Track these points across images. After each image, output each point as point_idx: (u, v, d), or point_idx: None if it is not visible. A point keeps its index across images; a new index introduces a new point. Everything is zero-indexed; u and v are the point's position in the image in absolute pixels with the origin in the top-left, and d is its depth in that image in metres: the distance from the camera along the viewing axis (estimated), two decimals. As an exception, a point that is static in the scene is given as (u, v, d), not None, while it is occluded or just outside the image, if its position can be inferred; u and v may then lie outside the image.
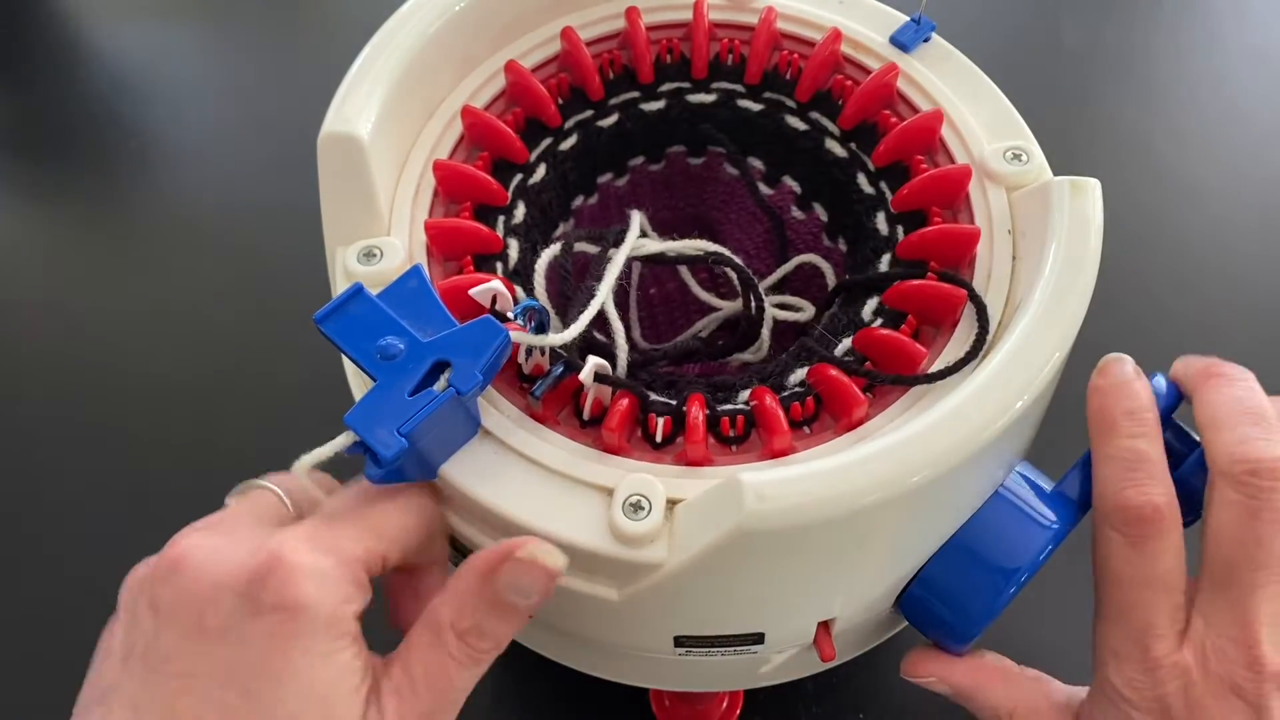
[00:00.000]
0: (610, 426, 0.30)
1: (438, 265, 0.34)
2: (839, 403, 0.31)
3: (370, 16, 0.36)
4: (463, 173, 0.35)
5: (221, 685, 0.24)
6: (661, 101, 0.40)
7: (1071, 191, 0.32)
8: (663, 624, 0.31)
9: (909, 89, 0.38)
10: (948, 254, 0.34)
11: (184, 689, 0.24)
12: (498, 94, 0.39)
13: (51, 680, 0.46)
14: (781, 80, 0.40)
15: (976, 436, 0.27)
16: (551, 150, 0.38)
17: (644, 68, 0.40)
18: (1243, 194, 0.62)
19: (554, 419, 0.31)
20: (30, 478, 0.53)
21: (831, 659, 0.33)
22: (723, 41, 0.40)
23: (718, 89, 0.40)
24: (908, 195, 0.35)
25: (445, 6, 0.37)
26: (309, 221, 0.35)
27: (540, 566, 0.27)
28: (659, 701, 0.42)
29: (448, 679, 0.27)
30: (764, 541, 0.27)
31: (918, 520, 0.30)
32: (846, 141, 0.39)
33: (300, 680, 0.25)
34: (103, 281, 0.61)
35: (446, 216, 0.35)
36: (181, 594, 0.25)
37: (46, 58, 0.73)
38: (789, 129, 0.40)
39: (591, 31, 0.40)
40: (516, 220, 0.36)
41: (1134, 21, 0.72)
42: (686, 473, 0.29)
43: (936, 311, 0.33)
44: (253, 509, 0.28)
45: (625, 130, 0.40)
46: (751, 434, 0.31)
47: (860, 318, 0.34)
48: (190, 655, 0.25)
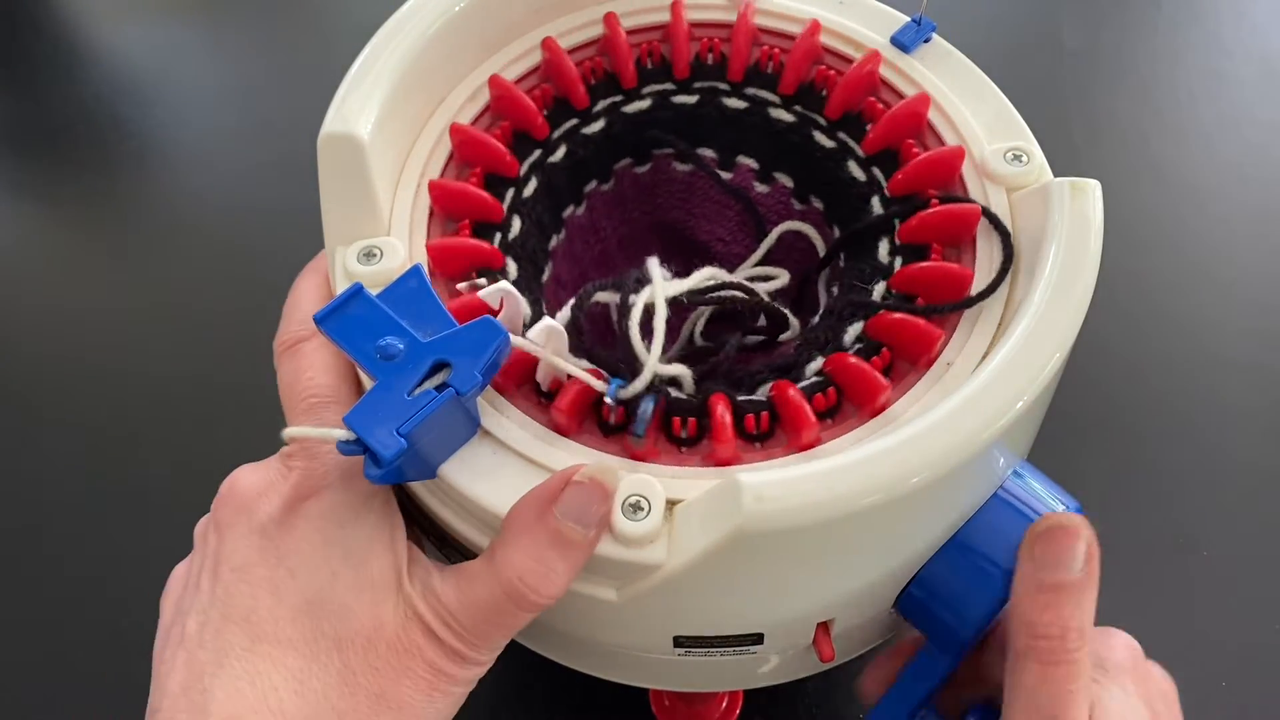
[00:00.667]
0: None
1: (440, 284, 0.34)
2: (862, 390, 0.31)
3: (370, 17, 0.36)
4: (458, 191, 0.35)
5: (271, 567, 0.28)
6: (647, 101, 0.40)
7: (1072, 193, 0.32)
8: (662, 624, 0.31)
9: (909, 89, 0.38)
10: (948, 234, 0.34)
11: (241, 578, 0.28)
12: (484, 108, 0.38)
13: (52, 680, 0.46)
14: (764, 75, 0.40)
15: (976, 437, 0.27)
16: (541, 163, 0.38)
17: (626, 72, 0.40)
18: (1243, 194, 0.62)
19: (577, 427, 0.31)
20: (30, 477, 0.53)
21: (831, 660, 0.33)
22: (702, 41, 0.40)
23: (699, 88, 0.40)
24: (902, 180, 0.36)
25: (446, 6, 0.37)
26: (309, 222, 0.35)
27: (599, 485, 0.28)
28: (659, 701, 0.42)
29: (497, 613, 0.28)
30: (763, 543, 0.26)
31: (917, 521, 0.30)
32: (834, 132, 0.39)
33: (333, 546, 0.28)
34: (102, 281, 0.61)
35: (444, 234, 0.35)
36: (236, 506, 0.29)
37: (46, 58, 0.73)
38: (776, 123, 0.40)
39: (579, 37, 0.40)
40: (513, 235, 0.36)
41: (1134, 22, 0.72)
42: (715, 473, 0.29)
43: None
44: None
45: (612, 135, 0.40)
46: (776, 429, 0.31)
47: (877, 262, 0.34)
48: (244, 550, 0.28)
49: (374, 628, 0.28)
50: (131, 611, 0.45)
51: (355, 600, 0.28)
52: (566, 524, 0.27)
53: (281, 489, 0.29)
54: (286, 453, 0.30)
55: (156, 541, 0.26)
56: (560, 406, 0.30)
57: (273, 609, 0.28)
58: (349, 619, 0.28)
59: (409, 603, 0.28)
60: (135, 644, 0.32)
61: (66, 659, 0.46)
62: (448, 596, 0.28)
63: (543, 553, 0.27)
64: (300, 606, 0.28)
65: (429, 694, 0.28)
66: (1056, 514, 0.30)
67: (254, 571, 0.28)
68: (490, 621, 0.28)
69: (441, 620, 0.28)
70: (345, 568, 0.28)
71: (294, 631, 0.27)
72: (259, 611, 0.28)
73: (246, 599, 0.28)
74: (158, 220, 0.64)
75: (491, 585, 0.28)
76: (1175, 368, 0.54)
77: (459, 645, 0.28)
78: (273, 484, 0.29)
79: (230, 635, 0.27)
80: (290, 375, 0.31)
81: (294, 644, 0.27)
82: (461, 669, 0.29)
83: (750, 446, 0.31)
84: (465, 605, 0.28)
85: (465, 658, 0.29)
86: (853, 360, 0.31)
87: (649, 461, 0.30)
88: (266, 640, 0.27)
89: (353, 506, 0.29)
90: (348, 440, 0.26)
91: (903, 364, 0.32)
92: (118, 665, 0.45)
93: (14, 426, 0.55)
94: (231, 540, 0.29)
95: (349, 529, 0.29)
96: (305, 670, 0.27)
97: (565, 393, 0.30)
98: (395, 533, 0.30)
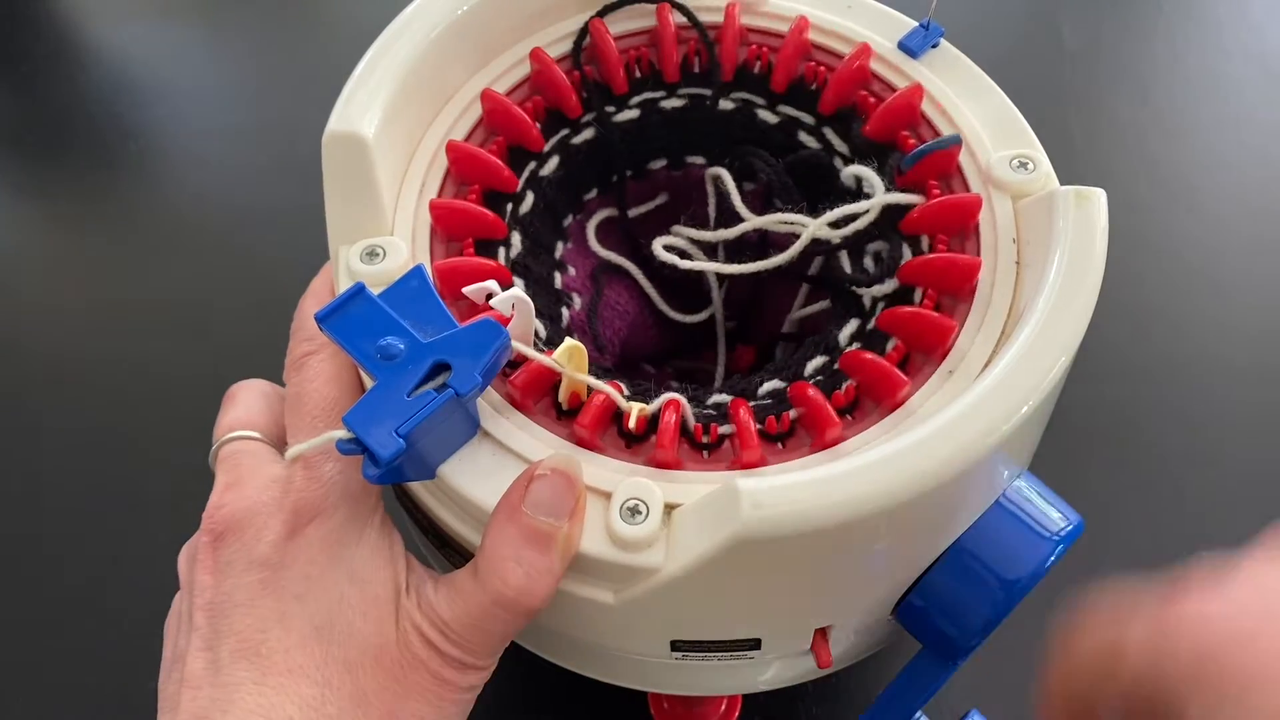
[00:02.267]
0: (663, 444, 0.30)
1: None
2: (881, 386, 0.31)
3: (372, 17, 0.36)
4: (458, 209, 0.35)
5: (278, 598, 0.28)
6: (636, 111, 0.40)
7: (1077, 201, 0.31)
8: (659, 629, 0.31)
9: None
10: (952, 228, 0.34)
11: (246, 614, 0.27)
12: (477, 122, 0.38)
13: (51, 680, 0.46)
14: (752, 75, 0.40)
15: (979, 443, 0.27)
16: (535, 176, 0.38)
17: (617, 79, 0.39)
18: (1242, 194, 0.62)
19: (598, 437, 0.31)
20: (30, 477, 0.53)
21: (828, 666, 0.33)
22: (689, 44, 0.40)
23: (685, 94, 0.40)
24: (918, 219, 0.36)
25: (451, 7, 0.36)
26: (310, 221, 0.35)
27: (563, 475, 0.28)
28: (658, 704, 0.42)
29: (491, 620, 0.28)
30: (760, 548, 0.26)
31: (917, 529, 0.30)
32: (821, 130, 0.39)
33: (339, 567, 0.28)
34: (102, 281, 0.61)
35: (447, 253, 0.35)
36: (230, 540, 0.28)
37: (46, 58, 0.73)
38: (761, 123, 0.40)
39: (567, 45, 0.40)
40: (515, 252, 0.36)
41: (1134, 23, 0.73)
42: (745, 474, 0.29)
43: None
44: (251, 459, 0.30)
45: (607, 142, 0.40)
46: (797, 429, 0.31)
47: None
48: (246, 585, 0.28)
49: (380, 646, 0.28)
50: (132, 612, 0.45)
51: (362, 621, 0.28)
52: (538, 519, 0.27)
53: (278, 515, 0.29)
54: (285, 474, 0.30)
55: (156, 541, 0.26)
56: (584, 422, 0.30)
57: (282, 639, 0.27)
58: (357, 640, 0.28)
59: (409, 616, 0.28)
60: (135, 643, 0.32)
61: (66, 659, 0.46)
62: (442, 608, 0.28)
63: (520, 553, 0.27)
64: (309, 633, 0.27)
65: (438, 705, 0.28)
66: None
67: (260, 605, 0.28)
68: (486, 630, 0.28)
69: (440, 631, 0.28)
70: (351, 589, 0.28)
71: (304, 659, 0.27)
72: (268, 643, 0.27)
73: (254, 633, 0.27)
74: (158, 220, 0.64)
75: (479, 595, 0.28)
76: (1173, 368, 0.54)
77: (459, 654, 0.28)
78: (267, 509, 0.29)
79: (240, 671, 0.27)
80: (296, 389, 0.31)
81: (305, 671, 0.27)
82: (465, 676, 0.29)
83: (773, 448, 0.31)
84: (458, 616, 0.28)
85: (468, 665, 0.29)
86: (869, 356, 0.31)
87: (672, 469, 0.30)
88: (277, 671, 0.27)
89: (355, 526, 0.29)
90: (347, 440, 0.26)
91: (916, 358, 0.32)
92: (118, 665, 0.45)
93: (14, 426, 0.55)
94: (233, 577, 0.28)
95: (352, 549, 0.29)
96: (319, 697, 0.27)
97: (588, 409, 0.30)
98: (394, 548, 0.30)
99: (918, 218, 0.34)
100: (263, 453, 0.31)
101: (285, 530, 0.28)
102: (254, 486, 0.29)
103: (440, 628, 0.28)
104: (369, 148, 0.33)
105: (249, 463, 0.30)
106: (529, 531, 0.27)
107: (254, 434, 0.31)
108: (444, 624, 0.28)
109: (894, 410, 0.31)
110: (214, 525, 0.29)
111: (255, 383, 0.34)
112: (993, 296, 0.32)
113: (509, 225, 0.36)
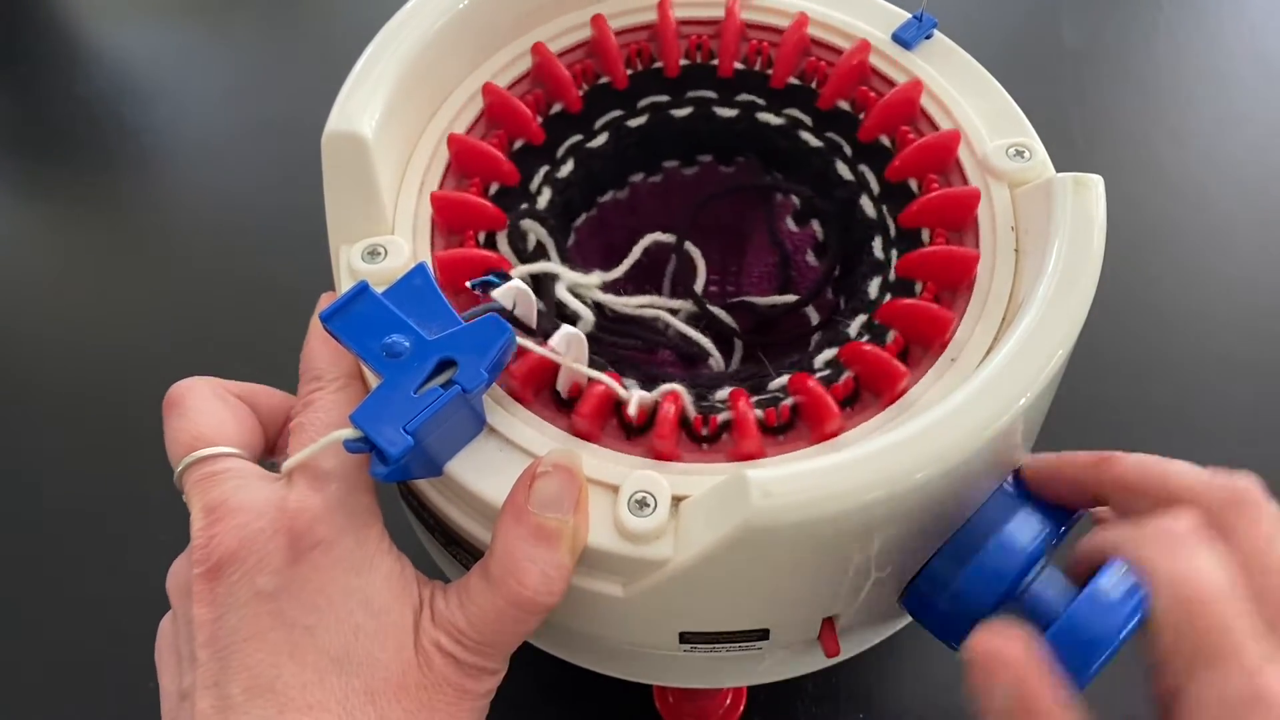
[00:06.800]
0: (663, 434, 0.30)
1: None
2: (881, 378, 0.31)
3: (372, 16, 0.36)
4: (459, 201, 0.35)
5: (287, 630, 0.27)
6: (644, 117, 0.40)
7: (1074, 188, 0.32)
8: (668, 621, 0.31)
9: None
10: (950, 222, 0.34)
11: (255, 648, 0.26)
12: (478, 117, 0.38)
13: (52, 680, 0.46)
14: (753, 74, 0.40)
15: (981, 432, 0.27)
16: (550, 177, 0.38)
17: (617, 74, 0.40)
18: (1243, 194, 0.62)
19: (600, 432, 0.31)
20: (30, 477, 0.53)
21: (836, 655, 0.33)
22: (690, 39, 0.40)
23: (692, 98, 0.40)
24: (899, 166, 0.36)
25: (448, 5, 0.37)
26: (311, 221, 0.35)
27: (564, 469, 0.28)
28: (663, 698, 0.42)
29: (507, 622, 0.28)
30: (769, 538, 0.27)
31: (922, 516, 0.30)
32: (822, 129, 0.39)
33: (352, 597, 0.27)
34: (103, 281, 0.61)
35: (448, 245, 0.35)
36: (228, 571, 0.27)
37: (46, 58, 0.73)
38: (762, 124, 0.40)
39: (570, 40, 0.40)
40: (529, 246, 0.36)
41: (1134, 22, 0.73)
42: (734, 468, 0.29)
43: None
44: (235, 480, 0.29)
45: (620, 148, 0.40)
46: (797, 421, 0.31)
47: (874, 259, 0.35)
48: (252, 619, 0.27)
49: (403, 672, 0.27)
50: (132, 612, 0.45)
51: (381, 650, 0.27)
52: (544, 515, 0.27)
53: (277, 541, 0.27)
54: (279, 496, 0.28)
55: (157, 542, 0.26)
56: (583, 412, 0.30)
57: (298, 674, 0.26)
58: (380, 670, 0.27)
59: (427, 634, 0.28)
60: (136, 644, 0.32)
61: (66, 659, 0.46)
62: (457, 617, 0.28)
63: (530, 551, 0.27)
64: (326, 666, 0.27)
65: (458, 716, 0.28)
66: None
67: (269, 638, 0.26)
68: (503, 632, 0.28)
69: (457, 642, 0.28)
70: (367, 618, 0.27)
71: (323, 694, 0.26)
72: (283, 679, 0.26)
73: (267, 669, 0.26)
74: (159, 220, 0.64)
75: (494, 599, 0.28)
76: (1172, 367, 0.54)
77: (478, 660, 0.28)
78: (264, 536, 0.27)
79: (255, 710, 0.26)
80: (301, 420, 0.30)
81: (326, 707, 0.26)
82: (483, 683, 0.29)
83: (773, 440, 0.31)
84: (475, 623, 0.28)
85: (485, 670, 0.28)
86: (868, 347, 0.31)
87: (671, 461, 0.30)
88: (295, 708, 0.26)
89: (365, 551, 0.28)
90: (354, 439, 0.26)
91: (916, 349, 0.32)
92: (117, 665, 0.45)
93: (14, 426, 0.55)
94: (235, 610, 0.27)
95: (365, 576, 0.28)
96: None
97: (587, 398, 0.30)
98: (407, 571, 0.29)
99: (917, 212, 0.35)
100: (246, 472, 0.29)
101: (287, 558, 0.27)
102: (247, 514, 0.27)
103: (458, 638, 0.28)
104: (368, 146, 0.33)
105: (233, 485, 0.28)
106: (537, 530, 0.27)
107: (229, 449, 0.29)
108: (461, 633, 0.28)
109: (893, 402, 0.31)
110: (207, 557, 0.27)
111: (200, 383, 0.31)
112: (992, 285, 0.33)
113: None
